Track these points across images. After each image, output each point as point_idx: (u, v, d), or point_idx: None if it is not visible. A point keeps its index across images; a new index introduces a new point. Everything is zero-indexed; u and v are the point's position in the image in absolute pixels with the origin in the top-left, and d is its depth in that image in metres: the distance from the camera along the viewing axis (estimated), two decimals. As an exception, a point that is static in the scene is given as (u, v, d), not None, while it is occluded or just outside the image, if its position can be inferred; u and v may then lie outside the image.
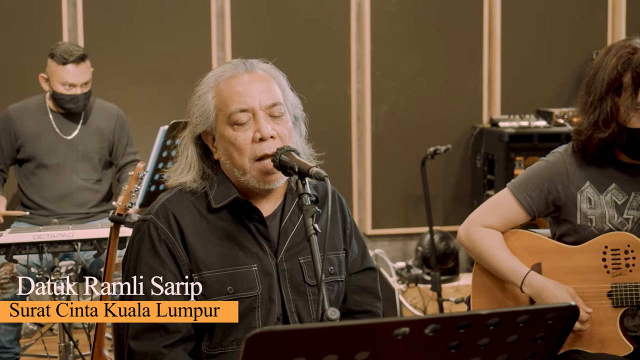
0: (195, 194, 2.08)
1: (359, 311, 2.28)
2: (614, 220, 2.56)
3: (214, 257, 2.03)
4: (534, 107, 5.60)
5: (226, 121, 2.02)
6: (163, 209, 2.06)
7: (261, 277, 2.05)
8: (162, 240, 2.03)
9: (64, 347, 3.59)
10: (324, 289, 1.72)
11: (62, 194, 4.28)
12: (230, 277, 2.03)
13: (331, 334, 1.33)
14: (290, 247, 2.10)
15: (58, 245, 3.47)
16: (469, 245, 2.65)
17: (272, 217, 2.11)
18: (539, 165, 2.64)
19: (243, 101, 2.01)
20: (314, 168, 1.85)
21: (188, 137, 2.10)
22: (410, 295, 5.18)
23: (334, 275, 2.17)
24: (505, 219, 2.62)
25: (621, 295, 2.49)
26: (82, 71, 4.15)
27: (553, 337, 1.47)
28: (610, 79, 2.47)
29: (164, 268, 2.01)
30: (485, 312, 1.36)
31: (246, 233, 2.07)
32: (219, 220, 2.06)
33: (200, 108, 2.06)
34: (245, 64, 2.07)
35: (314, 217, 1.80)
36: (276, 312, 2.06)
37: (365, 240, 5.59)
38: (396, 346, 1.37)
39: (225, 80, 2.04)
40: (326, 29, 5.42)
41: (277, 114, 2.04)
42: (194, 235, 2.03)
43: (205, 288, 2.02)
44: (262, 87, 2.03)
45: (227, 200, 2.05)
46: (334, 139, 5.47)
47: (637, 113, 2.47)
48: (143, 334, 2.00)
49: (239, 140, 2.01)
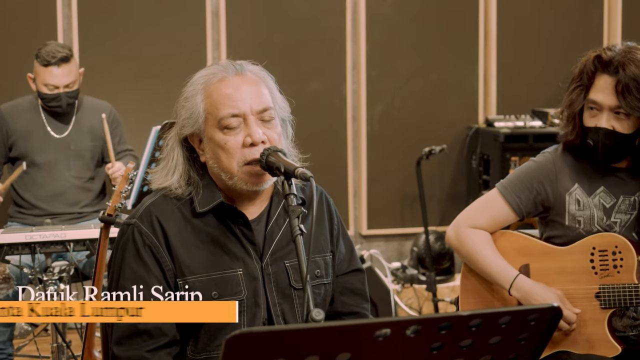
0: (180, 200, 2.06)
1: (346, 313, 2.27)
2: (602, 223, 2.56)
3: (199, 262, 2.02)
4: (529, 107, 5.60)
5: (216, 125, 2.00)
6: (147, 213, 2.05)
7: (246, 281, 2.04)
8: (147, 245, 2.01)
9: (56, 347, 3.59)
10: (309, 290, 1.71)
11: (54, 193, 4.27)
12: (215, 281, 2.01)
13: (312, 335, 1.32)
14: (275, 251, 2.09)
15: (50, 245, 3.46)
16: (458, 245, 2.65)
17: (257, 221, 2.10)
18: (528, 166, 2.64)
19: (234, 106, 1.99)
20: (300, 168, 1.84)
21: (174, 139, 2.07)
22: (405, 295, 5.18)
23: (321, 278, 2.16)
24: (494, 219, 2.62)
25: (609, 297, 2.49)
26: (64, 73, 4.13)
27: (536, 338, 1.46)
28: (574, 78, 2.54)
29: (148, 273, 2.00)
30: (467, 313, 1.36)
31: (231, 237, 2.06)
32: (203, 224, 2.05)
33: (188, 110, 2.04)
34: (234, 65, 2.05)
35: (299, 217, 1.79)
36: (262, 316, 2.05)
37: (361, 241, 5.63)
38: (378, 347, 1.36)
39: (215, 83, 2.02)
40: (321, 29, 5.41)
41: (268, 118, 2.03)
42: (179, 240, 2.02)
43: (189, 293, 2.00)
44: (253, 91, 2.01)
45: (212, 204, 2.04)
46: (329, 139, 5.46)
47: (587, 110, 2.51)
48: (126, 339, 1.99)
49: (229, 144, 1.99)
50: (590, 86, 2.49)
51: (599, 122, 2.48)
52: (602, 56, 2.46)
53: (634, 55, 2.45)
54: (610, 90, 2.45)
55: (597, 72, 2.47)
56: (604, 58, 2.46)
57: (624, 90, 2.42)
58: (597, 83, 2.47)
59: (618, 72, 2.43)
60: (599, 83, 2.47)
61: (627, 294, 2.47)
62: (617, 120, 2.47)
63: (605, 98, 2.46)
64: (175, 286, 2.01)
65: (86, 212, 4.33)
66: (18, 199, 4.31)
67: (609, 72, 2.45)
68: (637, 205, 2.57)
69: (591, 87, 2.48)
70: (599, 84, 2.47)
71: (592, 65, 2.48)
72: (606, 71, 2.46)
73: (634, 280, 2.48)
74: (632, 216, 2.57)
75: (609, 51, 2.48)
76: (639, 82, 2.42)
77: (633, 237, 2.55)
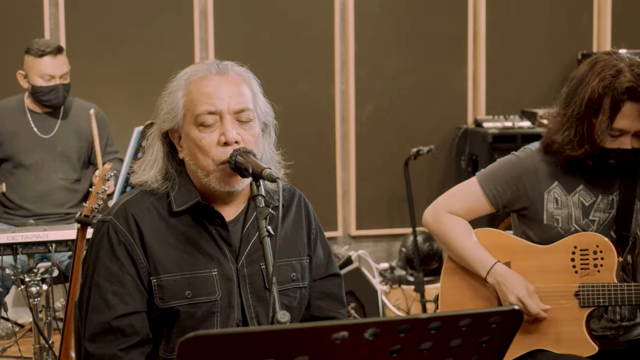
0: (155, 194, 2.06)
1: (322, 317, 2.24)
2: (580, 222, 2.56)
3: (173, 261, 2.01)
4: (519, 107, 5.59)
5: (193, 121, 2.00)
6: (123, 210, 2.04)
7: (221, 282, 2.03)
8: (121, 242, 2.00)
9: (39, 348, 3.57)
10: (275, 292, 1.70)
11: (40, 194, 4.27)
12: (188, 281, 2.00)
13: (267, 338, 1.31)
14: (251, 253, 2.07)
15: (32, 246, 3.44)
16: (435, 229, 2.67)
17: (234, 222, 2.08)
18: (509, 160, 2.64)
19: (212, 103, 1.98)
20: (267, 169, 1.83)
21: (155, 134, 2.07)
22: (393, 296, 5.17)
23: (297, 282, 2.14)
24: (470, 208, 2.64)
25: (588, 296, 2.49)
26: (59, 63, 4.14)
27: (498, 341, 1.45)
28: (591, 99, 2.46)
29: (122, 270, 1.99)
30: (425, 316, 1.35)
31: (207, 237, 2.04)
32: (179, 223, 2.04)
33: (169, 105, 2.04)
34: (219, 65, 2.04)
35: (267, 219, 1.78)
36: (235, 317, 2.03)
37: (350, 241, 5.62)
38: (336, 350, 1.35)
39: (196, 80, 2.02)
40: (310, 29, 5.40)
41: (245, 119, 2.01)
42: (153, 238, 2.01)
43: (163, 291, 1.99)
44: (233, 90, 2.01)
45: (189, 204, 2.03)
46: (318, 139, 5.45)
47: (610, 137, 2.47)
48: (99, 336, 1.98)
49: (204, 142, 1.98)
50: (616, 114, 2.44)
51: (622, 144, 2.46)
52: (634, 86, 2.41)
53: None
54: (637, 116, 2.43)
55: (627, 100, 2.43)
56: (635, 87, 2.41)
57: None
58: (625, 111, 2.44)
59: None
60: (626, 110, 2.44)
61: (606, 293, 2.47)
62: (637, 139, 2.48)
63: (633, 125, 2.44)
64: (149, 285, 2.00)
65: (73, 213, 4.32)
66: (4, 200, 4.30)
67: (636, 99, 2.42)
68: (615, 204, 2.56)
69: (617, 115, 2.44)
70: (626, 111, 2.43)
71: (622, 96, 2.42)
72: (635, 99, 2.43)
73: (614, 279, 2.48)
74: (610, 215, 2.57)
75: (631, 76, 2.42)
76: None
77: (611, 236, 2.55)
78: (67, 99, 4.30)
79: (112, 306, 1.97)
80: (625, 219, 2.56)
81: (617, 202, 2.57)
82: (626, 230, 2.56)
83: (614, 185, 2.58)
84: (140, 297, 2.00)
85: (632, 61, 2.47)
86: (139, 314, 1.99)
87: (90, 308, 2.00)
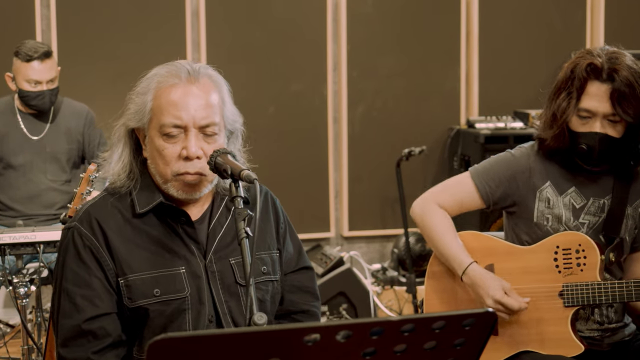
0: (115, 195, 2.07)
1: (296, 311, 2.27)
2: (569, 223, 2.56)
3: (140, 261, 2.02)
4: (511, 108, 5.58)
5: (158, 129, 2.00)
6: (86, 215, 2.06)
7: (189, 279, 2.04)
8: (87, 246, 2.02)
9: (27, 349, 3.56)
10: (252, 292, 1.70)
11: (30, 195, 4.26)
12: (156, 279, 2.01)
13: (238, 340, 1.30)
14: (220, 249, 2.09)
15: (21, 247, 3.43)
16: (420, 221, 2.68)
17: (201, 220, 2.10)
18: (504, 157, 2.64)
19: (177, 116, 1.98)
20: (245, 171, 1.84)
21: (121, 130, 2.08)
22: (385, 297, 5.16)
23: (268, 275, 2.16)
24: (461, 201, 2.65)
25: (572, 295, 2.49)
26: (47, 68, 4.12)
27: (473, 343, 1.44)
28: (561, 81, 2.51)
29: (89, 274, 2.00)
30: (397, 318, 1.34)
31: (174, 236, 2.06)
32: (144, 224, 2.05)
33: (137, 105, 2.05)
34: (190, 70, 2.03)
35: (245, 220, 1.79)
36: (207, 313, 2.05)
37: (342, 242, 5.61)
38: (308, 353, 1.34)
39: (165, 87, 2.01)
40: (302, 29, 5.39)
41: (210, 133, 2.02)
42: (119, 239, 2.02)
43: (130, 291, 2.00)
44: (200, 103, 2.00)
45: (151, 205, 2.04)
46: (310, 140, 5.44)
47: (580, 120, 2.48)
48: (71, 340, 1.99)
49: (166, 152, 2.00)
50: (581, 94, 2.46)
51: (592, 128, 2.46)
52: (595, 63, 2.43)
53: (623, 61, 2.43)
54: (604, 97, 2.43)
55: (588, 79, 2.45)
56: (596, 65, 2.43)
57: (619, 97, 2.41)
58: (589, 90, 2.45)
59: (613, 80, 2.41)
60: (591, 90, 2.44)
61: (590, 291, 2.46)
62: (610, 125, 2.46)
63: (599, 105, 2.44)
64: (117, 286, 2.01)
65: (62, 214, 4.31)
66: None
67: (601, 79, 2.43)
68: (605, 208, 2.56)
69: (582, 95, 2.46)
70: (592, 91, 2.44)
71: (583, 73, 2.45)
72: (599, 78, 2.43)
73: (597, 278, 2.47)
74: (601, 219, 2.57)
75: (598, 57, 2.44)
76: (633, 88, 2.41)
77: (600, 240, 2.54)
78: (57, 99, 4.29)
79: (82, 309, 1.99)
80: (615, 223, 2.55)
81: (608, 206, 2.56)
82: (615, 235, 2.56)
83: (606, 189, 2.58)
84: (110, 299, 2.01)
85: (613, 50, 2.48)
86: (109, 316, 2.01)
87: (60, 313, 2.02)
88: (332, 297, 4.75)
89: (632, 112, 2.43)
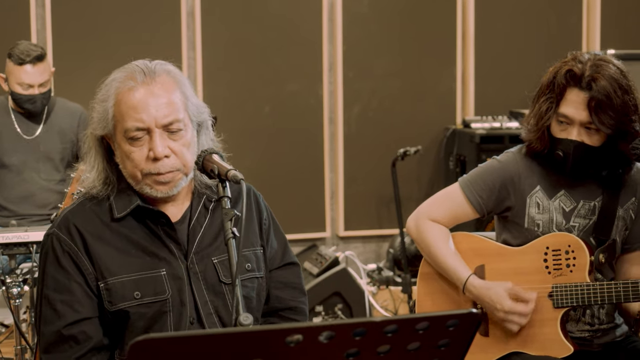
0: (94, 200, 2.07)
1: (283, 308, 2.26)
2: (561, 227, 2.55)
3: (120, 264, 2.02)
4: (507, 108, 5.58)
5: (122, 134, 2.00)
6: (65, 220, 2.05)
7: (170, 281, 2.03)
8: (65, 251, 2.02)
9: (20, 350, 3.56)
10: (239, 293, 1.70)
11: (23, 195, 4.25)
12: (136, 282, 2.01)
13: (219, 341, 1.30)
14: (201, 249, 2.08)
15: (14, 247, 3.42)
16: (417, 237, 2.65)
17: (181, 221, 2.10)
18: (491, 165, 2.62)
19: (139, 118, 1.98)
20: (232, 171, 1.84)
21: (90, 138, 2.08)
22: (381, 297, 5.16)
23: (252, 272, 2.15)
24: (454, 214, 2.63)
25: (561, 296, 2.48)
26: (39, 71, 4.12)
27: (457, 343, 1.44)
28: (544, 84, 2.51)
29: (69, 279, 2.00)
30: (380, 319, 1.34)
31: (154, 238, 2.06)
32: (123, 227, 2.05)
33: (99, 113, 2.04)
34: (145, 71, 2.02)
35: (232, 220, 1.79)
36: (188, 315, 2.04)
37: (338, 242, 5.61)
38: (290, 354, 1.34)
39: (124, 92, 2.00)
40: (298, 29, 5.39)
41: (175, 129, 2.01)
42: (98, 244, 2.02)
43: (111, 295, 2.00)
44: (160, 102, 1.99)
45: (129, 208, 2.04)
46: (306, 140, 5.44)
47: (559, 125, 2.48)
48: (53, 346, 1.99)
49: (134, 155, 2.00)
50: (560, 99, 2.46)
51: (569, 135, 2.45)
52: (574, 70, 2.42)
53: (605, 70, 2.42)
54: (581, 105, 2.42)
55: (568, 85, 2.44)
56: (575, 72, 2.42)
57: (596, 106, 2.40)
58: (568, 97, 2.44)
59: (591, 88, 2.40)
60: (570, 97, 2.44)
61: (579, 292, 2.45)
62: (587, 134, 2.45)
63: (576, 113, 2.43)
64: (97, 290, 2.01)
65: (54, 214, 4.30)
66: (-13, 201, 4.29)
67: (580, 86, 2.42)
68: (596, 211, 2.55)
69: (562, 101, 2.46)
70: (570, 97, 2.44)
71: (562, 79, 2.44)
72: (578, 86, 2.43)
73: (587, 279, 2.46)
74: (591, 221, 2.56)
75: (579, 64, 2.43)
76: (611, 98, 2.39)
77: (590, 242, 2.54)
78: (51, 99, 4.28)
79: (62, 315, 1.99)
80: (606, 225, 2.55)
81: (598, 209, 2.55)
82: (606, 237, 2.55)
83: (596, 191, 2.57)
84: (90, 303, 2.01)
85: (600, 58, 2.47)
86: (90, 320, 2.01)
87: (42, 320, 2.02)
88: (327, 297, 4.74)
89: (609, 122, 2.40)
